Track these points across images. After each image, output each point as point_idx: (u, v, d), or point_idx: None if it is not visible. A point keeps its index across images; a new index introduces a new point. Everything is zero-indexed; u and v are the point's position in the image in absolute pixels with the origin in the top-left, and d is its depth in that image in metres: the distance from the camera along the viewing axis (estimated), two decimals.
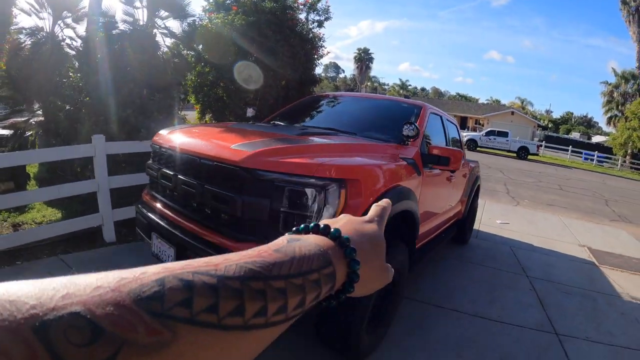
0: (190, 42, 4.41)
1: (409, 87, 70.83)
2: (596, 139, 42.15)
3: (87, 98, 3.77)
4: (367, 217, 0.44)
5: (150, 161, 2.34)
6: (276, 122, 2.96)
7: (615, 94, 28.15)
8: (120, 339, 0.19)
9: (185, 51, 4.64)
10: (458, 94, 71.20)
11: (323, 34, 4.94)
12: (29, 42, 4.51)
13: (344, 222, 0.40)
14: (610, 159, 25.18)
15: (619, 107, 27.57)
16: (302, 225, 0.37)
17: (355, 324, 1.75)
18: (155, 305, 0.21)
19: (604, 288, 3.92)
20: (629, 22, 26.92)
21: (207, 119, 4.67)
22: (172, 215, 1.98)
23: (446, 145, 3.32)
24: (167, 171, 2.03)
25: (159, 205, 2.14)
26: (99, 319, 0.19)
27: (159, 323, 0.21)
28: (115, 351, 0.19)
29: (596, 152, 25.57)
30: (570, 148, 25.86)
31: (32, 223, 3.93)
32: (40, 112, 4.67)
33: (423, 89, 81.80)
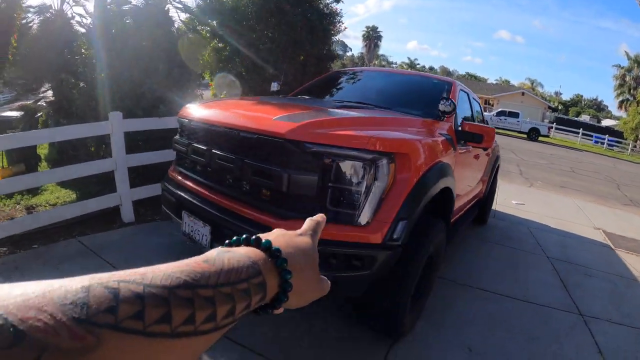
0: (205, 17, 4.29)
1: (417, 65, 69.44)
2: (606, 122, 41.53)
3: (102, 74, 3.68)
4: (300, 231, 0.45)
5: (177, 136, 2.25)
6: (304, 97, 2.89)
7: (627, 78, 27.59)
8: (42, 343, 0.19)
9: (200, 27, 4.52)
10: (468, 73, 69.75)
11: (340, 9, 4.80)
12: (37, 21, 4.42)
13: (275, 235, 0.41)
14: (620, 143, 24.87)
15: (631, 91, 27.08)
16: (234, 238, 0.38)
17: (403, 305, 1.75)
18: (80, 311, 0.21)
19: (621, 271, 3.93)
20: None
21: (223, 97, 4.59)
22: (206, 192, 1.91)
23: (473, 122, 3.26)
24: (200, 146, 1.94)
25: (189, 182, 2.06)
26: (21, 322, 0.19)
27: (82, 329, 0.21)
28: (37, 356, 0.19)
29: (607, 135, 25.24)
30: (580, 131, 25.55)
31: (46, 205, 3.90)
32: (50, 92, 4.62)
33: (431, 68, 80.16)
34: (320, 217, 0.50)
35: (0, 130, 4.50)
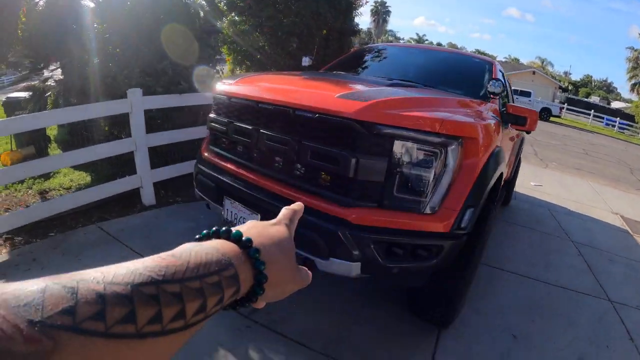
0: None
1: (426, 42, 67.82)
2: (615, 104, 40.88)
3: (118, 50, 3.55)
4: (274, 220, 0.44)
5: (213, 114, 2.09)
6: (342, 72, 2.76)
7: None
8: None
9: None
10: (477, 50, 68.24)
11: None
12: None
13: (248, 227, 0.40)
14: (631, 126, 24.53)
15: None
16: (203, 232, 0.36)
17: (462, 294, 1.73)
18: (34, 313, 0.20)
19: None
20: None
21: (240, 72, 4.45)
22: (253, 176, 1.78)
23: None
24: (244, 125, 1.80)
25: (229, 164, 1.92)
26: None
27: (37, 331, 0.20)
28: None
29: (618, 118, 24.90)
30: (592, 112, 25.20)
31: (59, 189, 3.79)
32: (59, 70, 4.46)
33: (439, 44, 78.42)
34: (297, 205, 0.49)
35: (8, 112, 4.41)
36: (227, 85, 2.02)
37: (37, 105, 4.24)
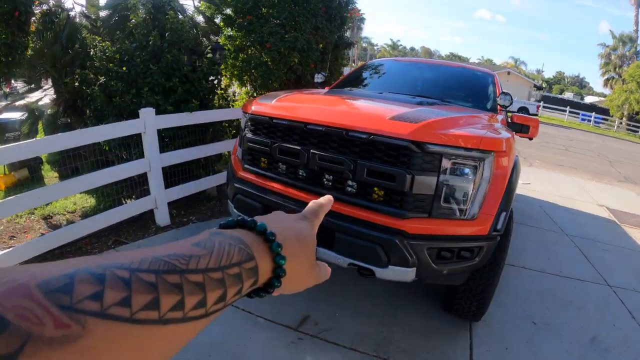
0: (221, 4, 4.28)
1: (400, 47, 69.66)
2: (589, 99, 43.02)
3: (124, 68, 3.65)
4: (299, 214, 0.45)
5: (249, 134, 2.17)
6: (356, 89, 2.96)
7: (612, 57, 28.70)
8: (25, 332, 0.19)
9: (214, 13, 4.50)
10: (451, 53, 70.63)
11: None
12: (38, 12, 4.25)
13: (271, 219, 0.41)
14: (606, 120, 26.06)
15: (617, 69, 28.25)
16: (229, 220, 0.38)
17: (492, 290, 1.95)
18: (64, 298, 0.21)
19: (631, 245, 4.32)
20: None
21: (237, 87, 4.58)
22: (303, 194, 1.88)
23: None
24: (292, 146, 1.90)
25: (274, 183, 2.00)
26: (4, 311, 0.19)
27: (67, 316, 0.20)
28: (22, 344, 0.19)
29: (593, 113, 26.36)
30: (568, 109, 26.54)
31: (64, 212, 3.80)
32: (52, 89, 4.47)
33: (412, 49, 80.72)
34: (325, 198, 0.49)
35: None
36: (267, 106, 2.13)
37: (33, 127, 4.25)
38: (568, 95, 46.39)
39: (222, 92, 4.29)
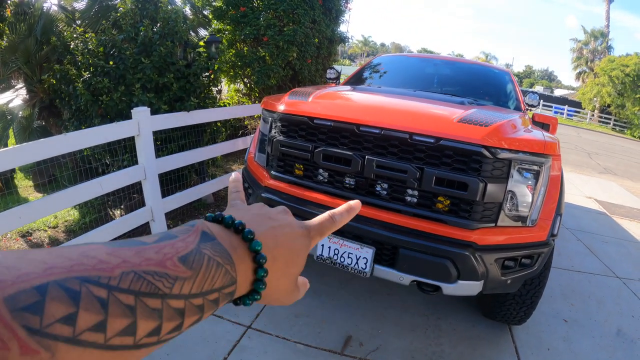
0: None
1: (371, 42, 70.67)
2: (558, 92, 45.32)
3: (111, 63, 3.44)
4: (302, 225, 0.40)
5: (280, 136, 1.99)
6: (379, 86, 2.90)
7: (584, 51, 30.36)
8: None
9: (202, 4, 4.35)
10: (424, 49, 72.35)
11: None
12: (10, 3, 3.94)
13: (271, 226, 0.37)
14: (579, 112, 27.53)
15: (588, 63, 29.88)
16: (216, 213, 0.35)
17: (540, 295, 1.97)
18: (33, 319, 0.19)
19: (626, 236, 4.58)
20: None
21: (226, 84, 4.44)
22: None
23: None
24: (341, 151, 1.76)
25: (318, 195, 1.85)
26: None
27: (35, 341, 0.19)
28: None
29: (566, 106, 27.80)
30: (541, 102, 27.81)
31: (45, 228, 3.58)
32: (24, 89, 4.17)
33: (383, 44, 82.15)
34: (353, 205, 0.46)
35: None
36: (303, 104, 1.98)
37: (4, 132, 3.93)
38: (538, 88, 48.65)
39: (208, 90, 4.13)
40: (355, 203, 0.46)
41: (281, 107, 2.02)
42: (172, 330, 0.26)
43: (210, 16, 4.54)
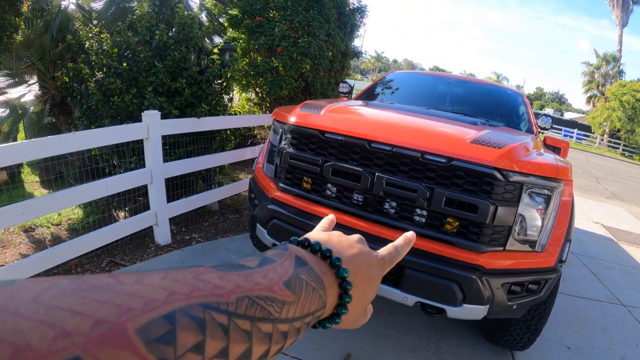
0: (229, 3, 4.25)
1: (384, 58, 71.57)
2: (568, 115, 45.47)
3: (124, 64, 3.53)
4: (375, 255, 0.43)
5: (290, 149, 1.99)
6: (392, 103, 2.91)
7: (596, 75, 30.61)
8: None
9: (218, 11, 4.47)
10: (435, 66, 73.06)
11: (366, 5, 4.95)
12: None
13: (353, 254, 0.39)
14: (588, 136, 27.59)
15: (599, 87, 30.11)
16: (301, 238, 0.37)
17: (544, 321, 1.98)
18: (167, 351, 0.19)
19: (631, 263, 4.58)
20: (612, 6, 30.26)
21: (237, 93, 4.51)
22: (364, 224, 1.74)
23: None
24: (351, 166, 1.75)
25: (325, 209, 1.84)
26: None
27: None
28: None
29: (576, 130, 27.88)
30: (551, 125, 27.95)
31: (48, 225, 3.60)
32: (37, 85, 4.27)
33: (395, 61, 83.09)
34: (405, 241, 0.47)
35: None
36: (315, 117, 1.97)
37: (14, 126, 4.02)
38: (548, 110, 48.85)
39: (219, 98, 4.21)
40: (410, 234, 0.48)
41: (292, 119, 2.02)
42: (276, 352, 0.27)
43: (225, 24, 4.65)
